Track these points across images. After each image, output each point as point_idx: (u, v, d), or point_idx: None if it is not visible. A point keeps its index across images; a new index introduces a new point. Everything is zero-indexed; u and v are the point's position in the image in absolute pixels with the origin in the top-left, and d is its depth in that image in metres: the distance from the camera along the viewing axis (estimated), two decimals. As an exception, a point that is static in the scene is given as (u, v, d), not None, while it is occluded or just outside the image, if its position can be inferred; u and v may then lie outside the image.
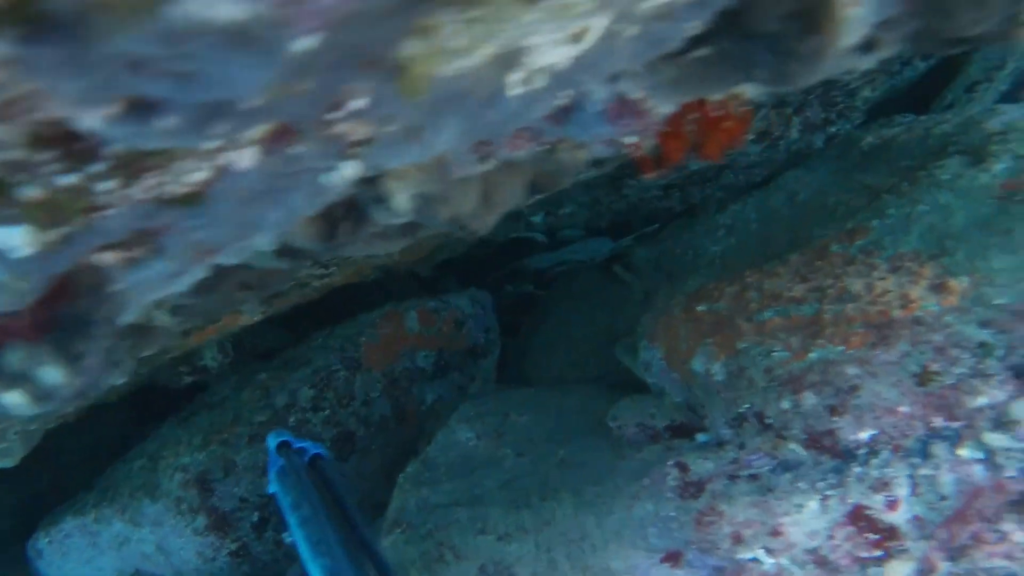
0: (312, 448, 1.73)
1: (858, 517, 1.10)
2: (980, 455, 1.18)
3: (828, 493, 1.15)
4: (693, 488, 1.64)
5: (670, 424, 2.04)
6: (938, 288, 1.39)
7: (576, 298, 4.06)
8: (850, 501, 1.11)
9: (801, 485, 1.20)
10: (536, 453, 2.30)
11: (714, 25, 0.62)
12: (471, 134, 0.62)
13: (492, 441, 2.46)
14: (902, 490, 1.12)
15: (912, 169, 2.20)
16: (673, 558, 1.51)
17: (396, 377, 3.14)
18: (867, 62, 0.80)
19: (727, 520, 1.25)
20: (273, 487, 1.62)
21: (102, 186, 0.50)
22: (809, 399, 1.30)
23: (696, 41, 0.65)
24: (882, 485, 1.13)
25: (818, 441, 1.32)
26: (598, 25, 0.49)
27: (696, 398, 1.90)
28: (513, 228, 3.47)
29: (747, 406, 1.57)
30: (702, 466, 1.64)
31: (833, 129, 2.87)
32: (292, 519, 1.47)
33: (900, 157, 2.53)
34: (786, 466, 1.44)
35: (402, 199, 0.66)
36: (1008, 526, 0.96)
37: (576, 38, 0.51)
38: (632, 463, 2.01)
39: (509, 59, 0.49)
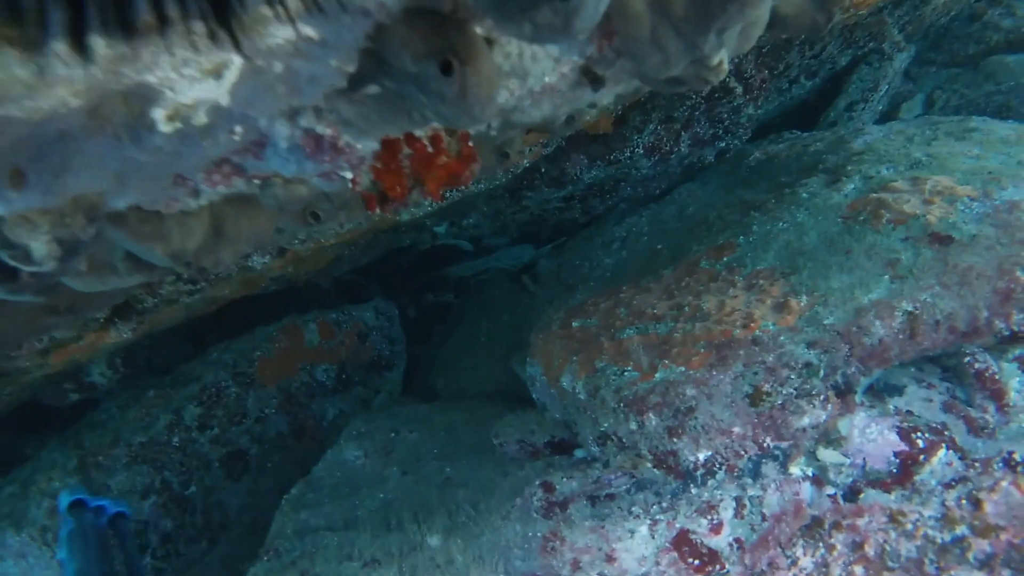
0: (112, 507, 1.57)
1: (682, 542, 1.10)
2: (810, 472, 1.20)
3: (658, 518, 1.15)
4: (558, 508, 1.63)
5: (550, 440, 2.04)
6: (780, 307, 1.42)
7: (486, 308, 4.04)
8: (676, 525, 1.11)
9: (635, 509, 1.20)
10: (422, 472, 2.26)
11: (373, 62, 0.59)
12: (126, 174, 0.58)
13: (379, 459, 2.40)
14: (727, 512, 1.13)
15: (784, 186, 2.27)
16: (530, 581, 1.49)
17: (293, 392, 3.05)
18: (604, 97, 0.79)
19: (568, 546, 1.24)
20: (62, 552, 1.47)
21: None
22: (652, 420, 1.30)
23: (365, 79, 0.62)
24: (709, 508, 1.13)
25: (664, 462, 1.32)
26: (235, 61, 0.46)
27: (569, 415, 1.89)
28: (418, 239, 3.42)
29: (606, 425, 1.57)
30: (567, 485, 1.64)
31: (722, 144, 2.93)
32: None
33: (779, 173, 2.61)
34: (640, 485, 1.44)
35: (38, 245, 0.60)
36: (799, 551, 0.97)
37: (215, 74, 0.47)
38: (511, 481, 1.99)
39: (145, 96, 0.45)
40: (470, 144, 0.86)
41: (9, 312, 1.06)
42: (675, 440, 1.26)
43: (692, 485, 1.22)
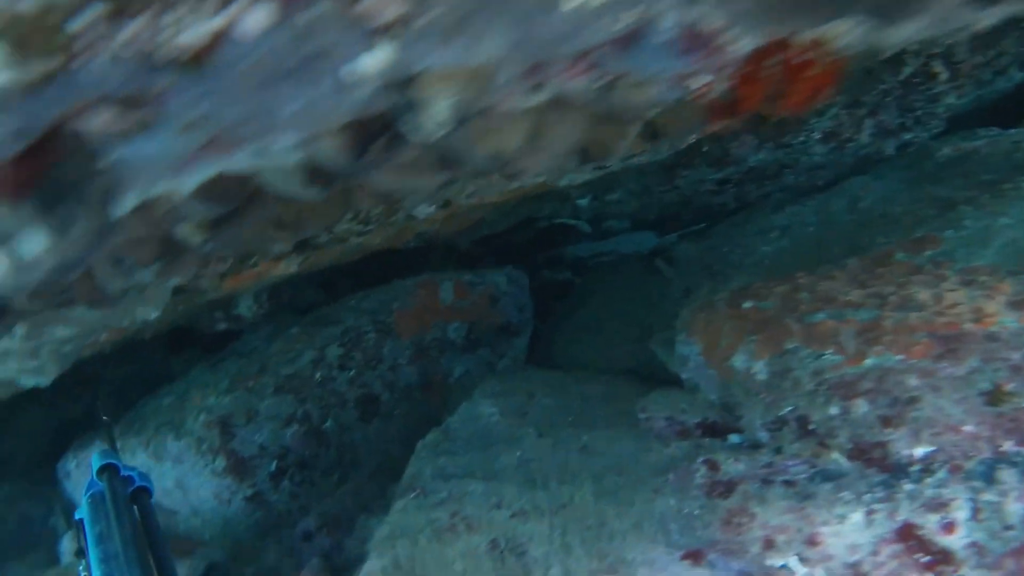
0: (139, 479, 1.53)
1: (907, 535, 1.00)
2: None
3: (875, 507, 1.06)
4: (722, 488, 1.56)
5: (702, 421, 1.96)
6: (1017, 304, 1.27)
7: (613, 289, 3.97)
8: (899, 518, 1.02)
9: (844, 495, 1.11)
10: (558, 436, 2.24)
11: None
12: (521, 46, 0.56)
13: (514, 419, 2.40)
14: (961, 513, 1.02)
15: (995, 183, 2.05)
16: (694, 556, 1.43)
17: (426, 346, 3.11)
18: (988, 17, 0.70)
19: (759, 523, 1.17)
20: (82, 512, 1.42)
21: (79, 20, 0.45)
22: (861, 407, 1.20)
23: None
24: (938, 505, 1.03)
25: (865, 452, 1.22)
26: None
27: (733, 397, 1.81)
28: (558, 210, 3.39)
29: (789, 408, 1.48)
30: (733, 467, 1.56)
31: (908, 137, 2.70)
32: (95, 553, 1.29)
33: (981, 170, 2.37)
34: (826, 475, 1.35)
35: (440, 107, 0.59)
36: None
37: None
38: (657, 457, 1.93)
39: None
40: (839, 58, 0.79)
41: (249, 214, 1.10)
42: (889, 431, 1.16)
43: (905, 480, 1.12)
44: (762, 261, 2.49)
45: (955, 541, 1.01)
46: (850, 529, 1.06)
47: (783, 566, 1.14)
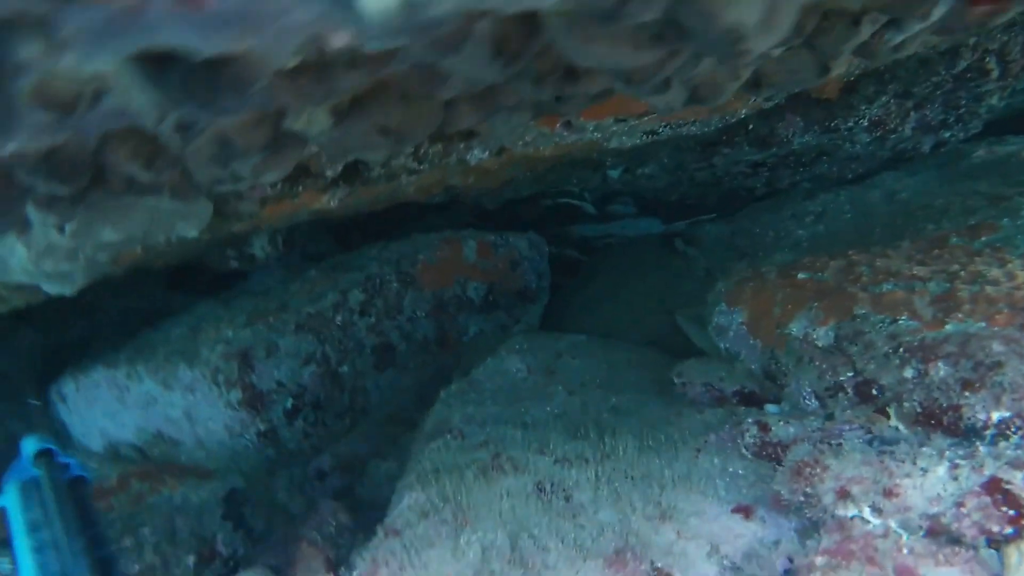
0: (76, 468, 1.40)
1: (995, 489, 1.02)
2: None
3: (959, 462, 1.07)
4: (771, 449, 1.58)
5: (739, 390, 1.97)
6: (1091, 287, 1.30)
7: (628, 266, 3.98)
8: (986, 472, 1.04)
9: (926, 450, 1.13)
10: (587, 396, 2.24)
11: None
12: None
13: (542, 377, 2.40)
14: (1042, 473, 1.04)
15: (1041, 182, 2.09)
16: (745, 511, 1.44)
17: (445, 301, 3.09)
18: None
19: (832, 474, 1.19)
20: (6, 499, 1.27)
21: None
22: (941, 370, 1.22)
23: None
24: (1021, 464, 1.05)
25: (935, 416, 1.24)
26: None
27: (779, 366, 1.82)
28: (589, 180, 3.38)
29: (850, 374, 1.50)
30: (784, 429, 1.58)
31: (946, 135, 2.74)
32: (26, 542, 1.15)
33: (1019, 172, 2.41)
34: (884, 441, 1.36)
35: None
36: None
37: None
38: (689, 421, 1.95)
39: None
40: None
41: (363, 115, 1.07)
42: (968, 394, 1.18)
43: (978, 443, 1.14)
44: (799, 244, 2.50)
45: (1039, 500, 1.03)
46: (933, 482, 1.07)
47: (856, 516, 1.15)
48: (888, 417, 1.41)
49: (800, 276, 1.82)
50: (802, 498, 1.25)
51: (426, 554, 1.38)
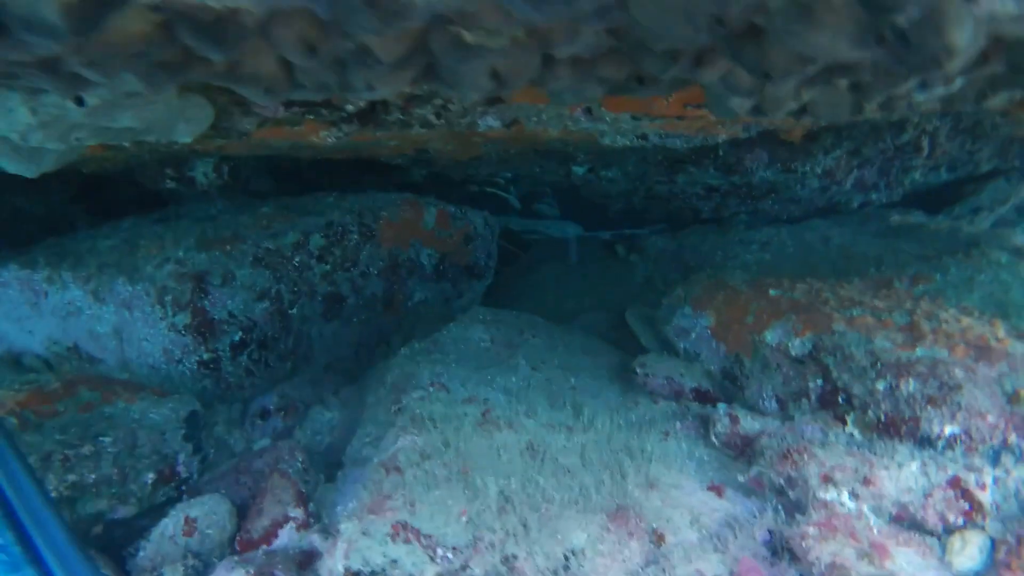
0: None
1: (956, 485, 1.23)
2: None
3: (927, 461, 1.28)
4: (739, 440, 1.75)
5: (696, 387, 2.15)
6: (1019, 336, 1.57)
7: (565, 263, 4.16)
8: (950, 472, 1.25)
9: (901, 449, 1.33)
10: (550, 374, 2.34)
11: None
12: None
13: (505, 349, 2.47)
14: (989, 477, 1.26)
15: (955, 249, 2.44)
16: (717, 490, 1.60)
17: (399, 263, 3.08)
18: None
19: (817, 461, 1.36)
20: None
21: None
22: (911, 385, 1.43)
23: None
24: (974, 468, 1.27)
25: (895, 425, 1.45)
26: None
27: (742, 369, 2.01)
28: (555, 171, 3.48)
29: (819, 382, 1.69)
30: (751, 423, 1.75)
31: (873, 196, 3.11)
32: None
33: (932, 241, 2.79)
34: (839, 439, 1.57)
35: None
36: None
37: None
38: (646, 409, 2.10)
39: None
40: None
41: (475, 58, 1.10)
42: (930, 409, 1.40)
43: (931, 450, 1.36)
44: (748, 266, 2.74)
45: (986, 497, 1.25)
46: (907, 475, 1.27)
47: (834, 499, 1.33)
48: (845, 424, 1.62)
49: (772, 292, 2.02)
50: (784, 481, 1.42)
51: (435, 492, 1.41)
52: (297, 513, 1.60)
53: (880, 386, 1.49)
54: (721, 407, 2.04)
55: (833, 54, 0.76)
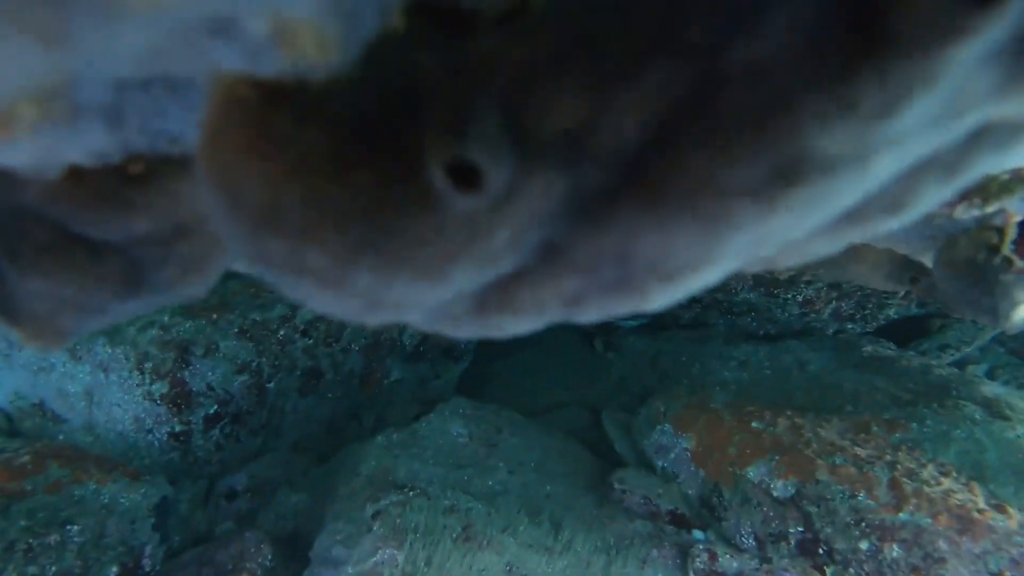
0: None
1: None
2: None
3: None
4: (716, 577, 1.74)
5: (673, 510, 2.16)
6: (997, 508, 1.63)
7: (544, 352, 4.17)
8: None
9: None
10: (526, 478, 2.32)
11: None
12: None
13: (484, 448, 2.45)
14: (965, 657, 1.29)
15: (925, 394, 2.53)
16: (695, 632, 1.59)
17: (380, 342, 3.07)
18: None
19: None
20: None
21: None
22: (895, 551, 1.46)
23: None
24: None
25: (878, 586, 1.48)
26: None
27: (721, 500, 2.02)
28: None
29: (799, 528, 1.72)
30: (729, 562, 1.76)
31: (848, 326, 3.23)
32: None
33: (904, 378, 2.89)
34: (821, 594, 1.58)
35: None
36: None
37: None
38: (623, 527, 2.09)
39: None
40: None
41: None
42: (912, 576, 1.43)
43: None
44: (727, 384, 2.80)
45: None
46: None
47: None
48: (824, 575, 1.64)
49: (754, 425, 2.06)
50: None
51: (415, 620, 1.37)
52: (263, 621, 1.54)
53: (863, 546, 1.52)
54: (697, 534, 2.05)
55: (866, 283, 0.82)
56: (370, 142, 0.29)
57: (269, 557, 1.75)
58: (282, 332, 2.64)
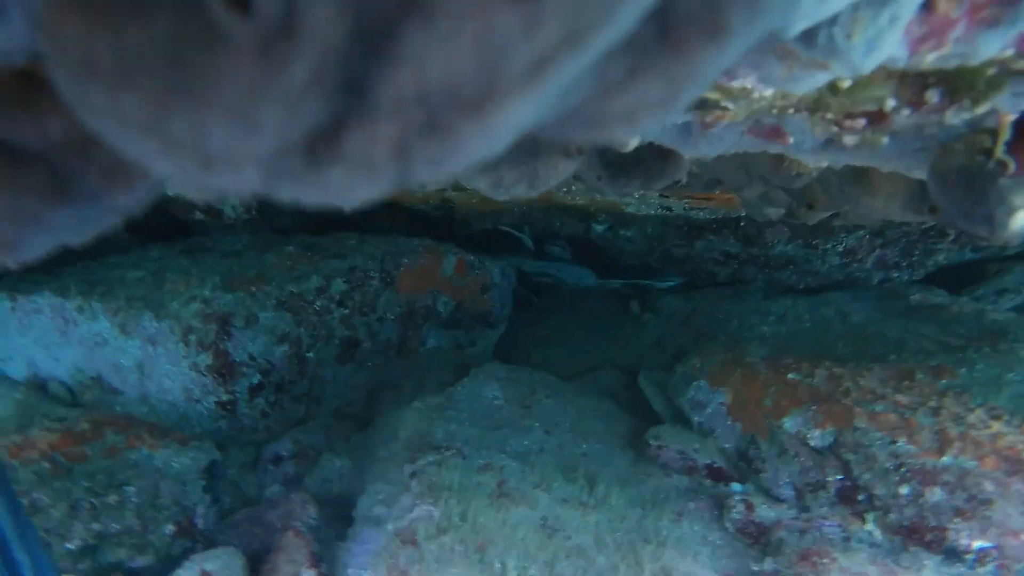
0: None
1: (980, 604, 1.23)
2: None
3: (950, 573, 1.28)
4: (754, 528, 1.74)
5: (710, 464, 2.15)
6: (1050, 450, 1.58)
7: (579, 314, 4.17)
8: (974, 589, 1.25)
9: (927, 562, 1.33)
10: (562, 437, 2.34)
11: None
12: None
13: (518, 409, 2.48)
14: (1012, 598, 1.27)
15: (983, 339, 2.44)
16: (731, 580, 1.59)
17: (415, 309, 3.11)
18: None
19: (839, 568, 1.36)
20: None
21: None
22: (937, 494, 1.44)
23: None
24: (999, 588, 1.27)
25: (919, 532, 1.45)
26: None
27: (758, 451, 2.01)
28: (575, 227, 3.52)
29: (838, 477, 1.70)
30: (767, 512, 1.75)
31: (894, 274, 3.13)
32: None
33: (954, 325, 2.80)
34: (861, 541, 1.57)
35: None
36: None
37: None
38: (659, 483, 2.10)
39: None
40: None
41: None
42: (958, 520, 1.40)
43: (958, 563, 1.36)
44: (765, 338, 2.75)
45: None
46: (932, 590, 1.27)
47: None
48: (864, 522, 1.62)
49: (790, 376, 2.03)
50: (803, 582, 1.41)
51: (452, 570, 1.42)
52: (310, 575, 1.60)
53: (904, 491, 1.49)
54: (735, 487, 2.05)
55: (885, 216, 0.79)
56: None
57: (314, 516, 1.82)
58: (318, 303, 2.70)
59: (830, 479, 1.70)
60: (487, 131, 0.34)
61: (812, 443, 1.78)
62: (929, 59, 0.64)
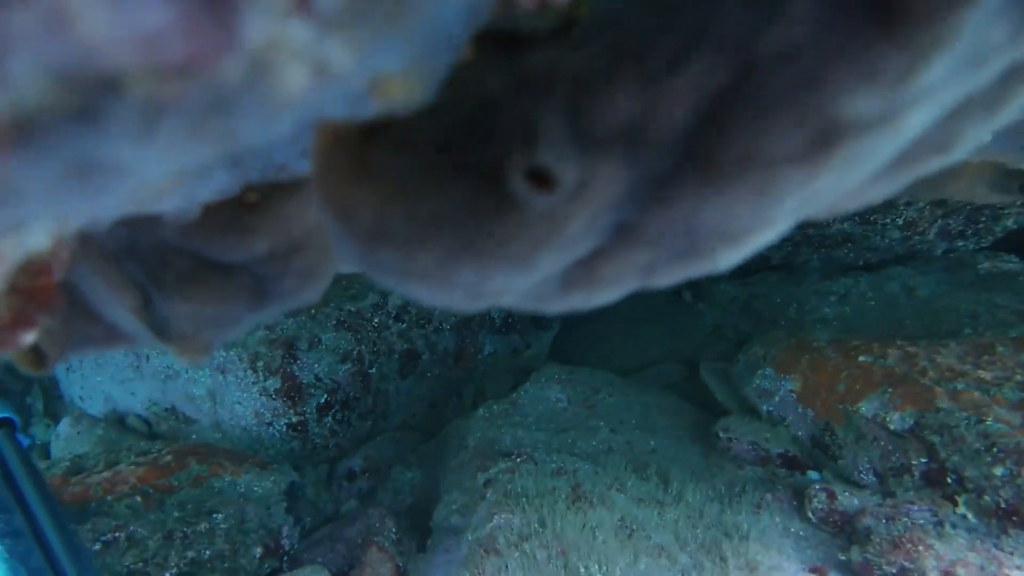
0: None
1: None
2: None
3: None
4: (838, 516, 1.71)
5: (783, 453, 2.12)
6: None
7: (631, 309, 4.12)
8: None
9: (1029, 545, 1.29)
10: (629, 435, 2.34)
11: None
12: None
13: (582, 409, 2.48)
14: None
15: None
16: (819, 572, 1.57)
17: (470, 318, 3.14)
18: None
19: (934, 554, 1.32)
20: None
21: None
22: (1034, 473, 1.39)
23: None
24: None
25: (1017, 513, 1.40)
26: None
27: (834, 438, 1.97)
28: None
29: (923, 460, 1.65)
30: (849, 500, 1.71)
31: (960, 244, 3.01)
32: None
33: (1027, 292, 2.68)
34: (955, 525, 1.52)
35: None
36: None
37: None
38: (732, 476, 2.07)
39: None
40: None
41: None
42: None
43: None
44: (828, 321, 2.69)
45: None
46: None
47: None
48: (955, 505, 1.57)
49: (861, 359, 1.98)
50: (896, 572, 1.38)
51: (537, 578, 1.43)
52: (396, 589, 1.64)
53: (998, 471, 1.44)
54: (813, 476, 2.01)
55: (968, 199, 0.77)
56: (456, 160, 0.33)
57: (394, 530, 1.86)
58: (376, 319, 2.75)
59: (914, 462, 1.66)
60: (739, 252, 0.39)
61: (892, 427, 1.74)
62: None
